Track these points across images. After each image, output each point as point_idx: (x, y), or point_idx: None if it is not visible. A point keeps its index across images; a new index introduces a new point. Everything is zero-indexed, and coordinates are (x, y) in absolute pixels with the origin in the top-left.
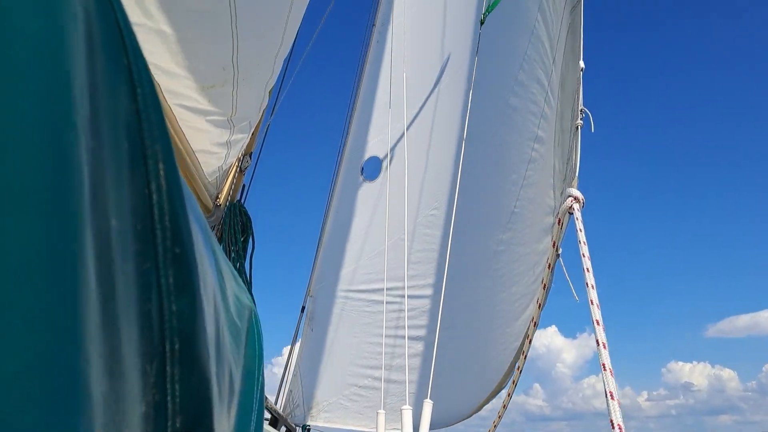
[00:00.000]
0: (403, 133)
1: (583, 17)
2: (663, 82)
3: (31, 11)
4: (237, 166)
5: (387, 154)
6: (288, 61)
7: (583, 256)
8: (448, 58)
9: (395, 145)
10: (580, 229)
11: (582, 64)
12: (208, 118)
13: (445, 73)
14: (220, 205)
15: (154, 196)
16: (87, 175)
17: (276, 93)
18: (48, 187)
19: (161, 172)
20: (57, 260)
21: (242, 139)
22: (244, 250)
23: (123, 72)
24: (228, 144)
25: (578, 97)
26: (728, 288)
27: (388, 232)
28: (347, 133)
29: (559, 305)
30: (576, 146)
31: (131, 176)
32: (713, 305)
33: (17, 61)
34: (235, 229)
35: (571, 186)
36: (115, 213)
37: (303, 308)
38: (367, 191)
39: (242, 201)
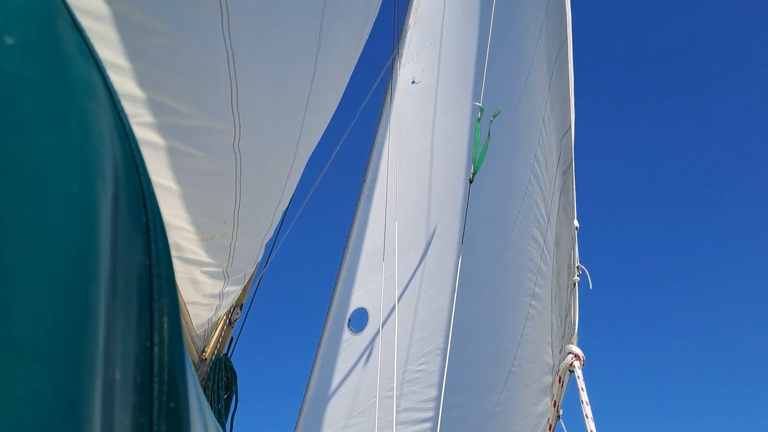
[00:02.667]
0: (388, 280)
1: (575, 179)
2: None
3: (68, 175)
4: (226, 318)
5: (374, 307)
6: (285, 213)
7: (587, 417)
8: (437, 215)
9: (384, 298)
10: (582, 389)
11: (576, 223)
12: (204, 269)
13: (437, 230)
14: (206, 359)
15: (156, 349)
16: (102, 329)
17: (271, 245)
18: (66, 341)
19: (165, 326)
20: (66, 414)
21: (235, 291)
22: (227, 408)
23: (141, 229)
24: (220, 296)
25: (574, 254)
26: None
27: (376, 386)
28: (336, 285)
29: None
30: (574, 303)
31: (137, 328)
32: None
33: (53, 220)
34: (219, 385)
35: (570, 342)
36: (120, 365)
37: None
38: (353, 345)
39: (229, 355)
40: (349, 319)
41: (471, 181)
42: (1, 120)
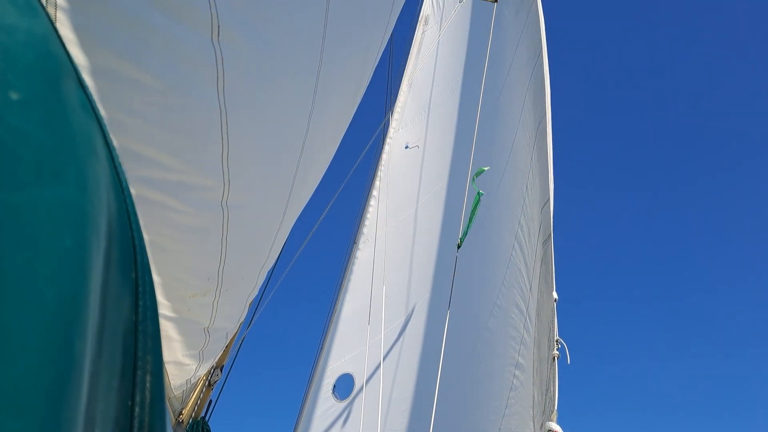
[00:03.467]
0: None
1: (553, 248)
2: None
3: (63, 230)
4: (205, 380)
5: (360, 373)
6: (271, 272)
7: None
8: (423, 280)
9: (369, 364)
10: None
11: (555, 294)
12: (184, 327)
13: (423, 295)
14: (182, 421)
15: (137, 409)
16: (85, 385)
17: (255, 304)
18: (48, 397)
19: (148, 385)
20: None
21: (215, 351)
22: None
23: (130, 285)
24: (200, 356)
25: (553, 327)
26: None
27: None
28: (321, 348)
29: None
30: (553, 378)
31: (120, 387)
32: None
33: (45, 274)
34: None
35: (550, 420)
36: (101, 424)
37: None
38: (336, 412)
39: (207, 418)
40: (334, 385)
41: (459, 247)
42: (0, 172)
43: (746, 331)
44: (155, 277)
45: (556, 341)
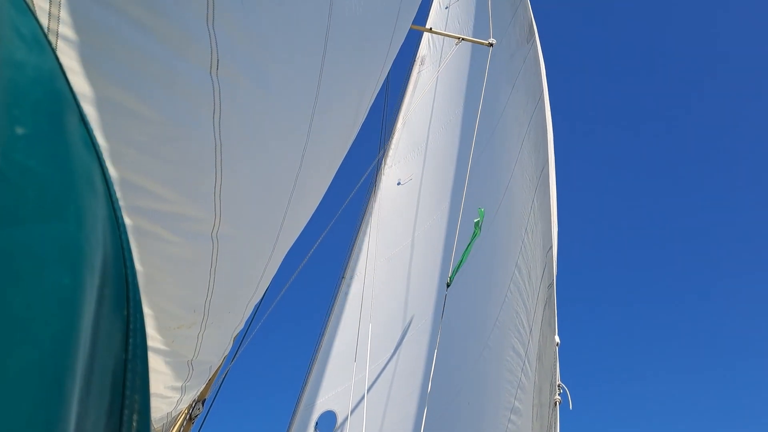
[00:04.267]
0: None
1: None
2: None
3: (60, 267)
4: (186, 413)
5: (343, 410)
6: (258, 306)
7: None
8: (412, 318)
9: (353, 400)
10: None
11: (557, 339)
12: (168, 359)
13: (410, 333)
14: None
15: None
16: (72, 424)
17: (240, 337)
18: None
19: (134, 424)
20: None
21: (198, 384)
22: None
23: (121, 323)
24: (183, 389)
25: (555, 372)
26: None
27: None
28: (305, 384)
29: None
30: (555, 424)
31: (106, 425)
32: None
33: (41, 311)
34: None
35: None
36: None
37: None
38: None
39: None
40: (317, 423)
41: (448, 285)
42: (3, 209)
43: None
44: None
45: (558, 386)
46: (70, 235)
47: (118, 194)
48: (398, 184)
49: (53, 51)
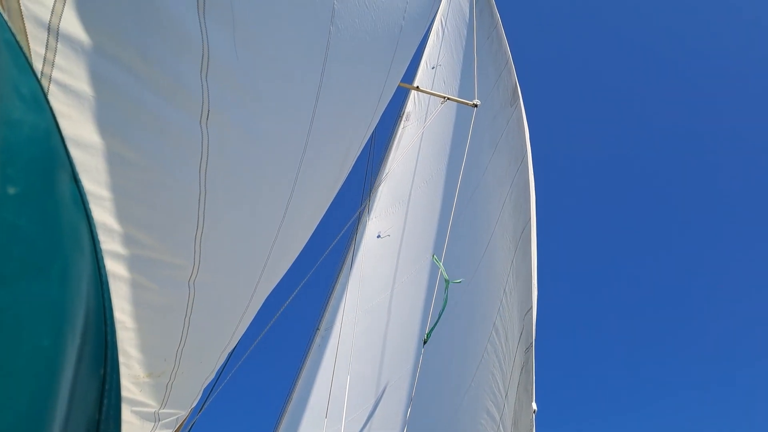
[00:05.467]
0: None
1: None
2: None
3: (41, 329)
4: None
5: None
6: (231, 355)
7: None
8: (389, 374)
9: None
10: None
11: (534, 405)
12: (134, 408)
13: (387, 388)
14: None
15: None
16: None
17: (210, 388)
18: None
19: None
20: None
21: None
22: None
23: (98, 382)
24: None
25: None
26: None
27: None
28: None
29: None
30: None
31: None
32: None
33: (20, 374)
34: None
35: None
36: None
37: None
38: None
39: None
40: None
41: (425, 342)
42: None
43: None
44: None
45: None
46: (53, 296)
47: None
48: (378, 236)
49: (50, 110)
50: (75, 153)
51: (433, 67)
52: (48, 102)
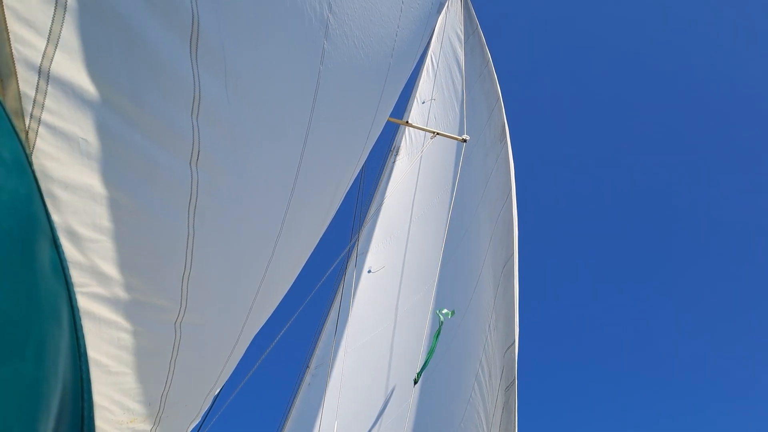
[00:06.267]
0: None
1: (517, 396)
2: None
3: (14, 412)
4: None
5: None
6: (217, 397)
7: None
8: (379, 411)
9: None
10: None
11: None
12: None
13: (375, 424)
14: None
15: None
16: None
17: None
18: None
19: None
20: None
21: None
22: None
23: None
24: None
25: None
26: None
27: None
28: None
29: None
30: None
31: None
32: None
33: None
34: None
35: None
36: None
37: None
38: None
39: None
40: None
41: (416, 382)
42: None
43: None
44: (94, 398)
45: None
46: (27, 376)
47: (83, 280)
48: (369, 272)
49: (32, 173)
50: (62, 194)
51: (423, 102)
52: (30, 163)
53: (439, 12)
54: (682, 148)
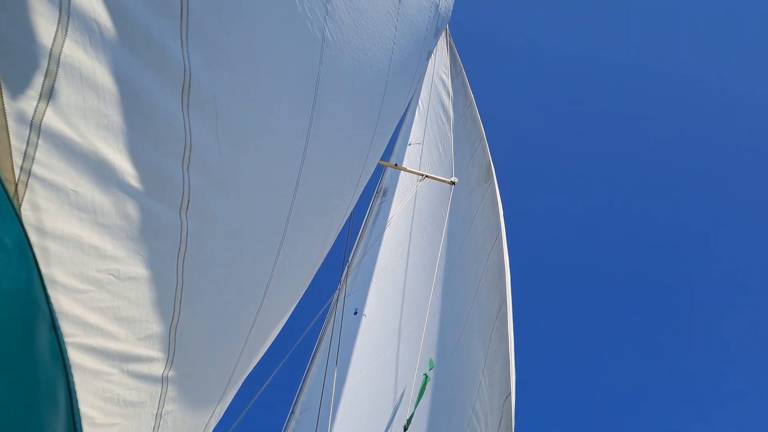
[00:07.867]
0: None
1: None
2: None
3: None
4: None
5: None
6: None
7: None
8: None
9: None
10: None
11: None
12: None
13: None
14: None
15: None
16: None
17: None
18: None
19: None
20: None
21: None
22: None
23: None
24: None
25: None
26: None
27: None
28: None
29: None
30: None
31: None
32: None
33: None
34: None
35: None
36: None
37: None
38: None
39: None
40: None
41: (405, 429)
42: None
43: None
44: None
45: None
46: None
47: (68, 329)
48: (354, 313)
49: (33, 256)
50: (52, 246)
51: (409, 144)
52: (30, 247)
53: (428, 59)
54: (675, 187)
